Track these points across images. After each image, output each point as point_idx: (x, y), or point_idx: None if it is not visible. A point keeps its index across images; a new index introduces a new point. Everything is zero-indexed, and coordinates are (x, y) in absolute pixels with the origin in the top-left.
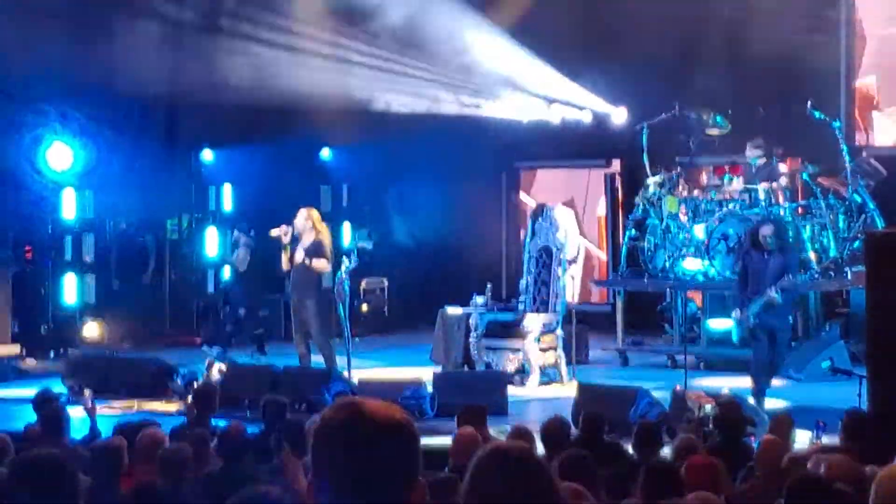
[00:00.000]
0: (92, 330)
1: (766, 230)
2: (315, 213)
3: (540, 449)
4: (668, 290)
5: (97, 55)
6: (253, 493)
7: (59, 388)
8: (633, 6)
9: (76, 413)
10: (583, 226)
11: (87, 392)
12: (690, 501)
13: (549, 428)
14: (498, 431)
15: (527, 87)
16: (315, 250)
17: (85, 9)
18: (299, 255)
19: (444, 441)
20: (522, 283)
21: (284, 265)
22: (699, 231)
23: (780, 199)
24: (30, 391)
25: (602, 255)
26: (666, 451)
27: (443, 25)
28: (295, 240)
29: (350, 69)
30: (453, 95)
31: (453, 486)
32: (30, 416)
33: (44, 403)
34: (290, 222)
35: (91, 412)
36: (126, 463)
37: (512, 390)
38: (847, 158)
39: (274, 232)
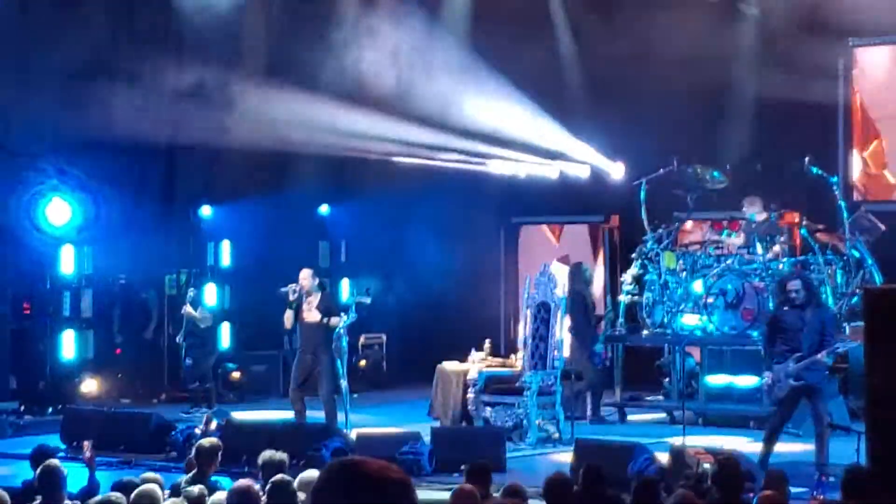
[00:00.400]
0: (90, 386)
1: (793, 285)
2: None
3: None
4: (666, 345)
5: (95, 111)
6: None
7: (56, 443)
8: (631, 63)
9: (74, 469)
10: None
11: (86, 443)
12: None
13: (551, 484)
14: (493, 489)
15: (525, 143)
16: (327, 308)
17: (82, 66)
18: (314, 315)
19: (443, 497)
20: (521, 338)
21: (287, 323)
22: (697, 286)
23: (779, 255)
24: (27, 447)
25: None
26: None
27: (441, 81)
28: (300, 298)
29: (349, 125)
30: (452, 151)
31: None
32: (28, 472)
33: (41, 459)
34: (289, 278)
35: (90, 462)
36: None
37: (510, 446)
38: (845, 214)
39: (283, 290)
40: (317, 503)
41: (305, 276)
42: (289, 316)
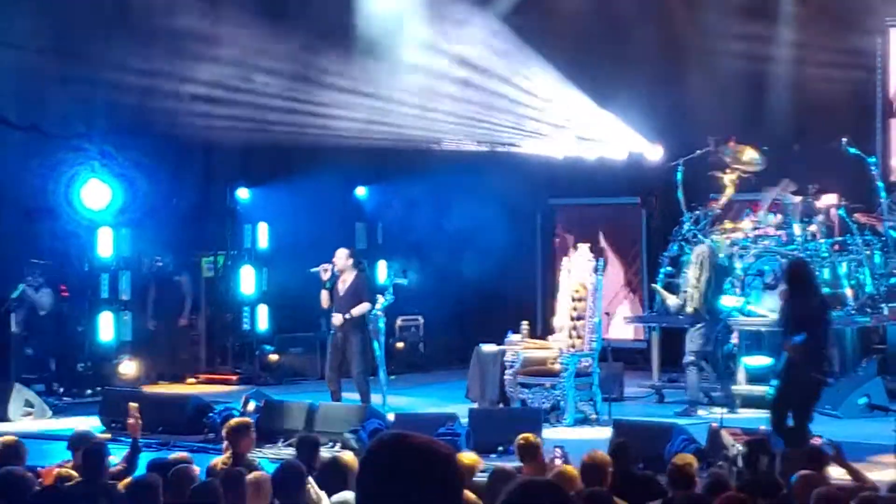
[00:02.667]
0: (128, 368)
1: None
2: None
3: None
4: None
5: (134, 94)
6: None
7: (95, 426)
8: (670, 45)
9: (113, 450)
10: (620, 262)
11: (132, 405)
12: None
13: (588, 464)
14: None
15: (563, 124)
16: (356, 291)
17: (122, 48)
18: (339, 320)
19: (481, 478)
20: (557, 320)
21: (324, 303)
22: (735, 267)
23: (818, 236)
24: (66, 429)
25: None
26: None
27: (478, 61)
28: (335, 277)
29: (385, 107)
30: (489, 132)
31: None
32: (65, 453)
33: (80, 442)
34: (326, 260)
35: (133, 428)
36: (161, 501)
37: (547, 428)
38: (882, 195)
39: (314, 270)
40: (364, 476)
41: (340, 256)
42: (325, 296)
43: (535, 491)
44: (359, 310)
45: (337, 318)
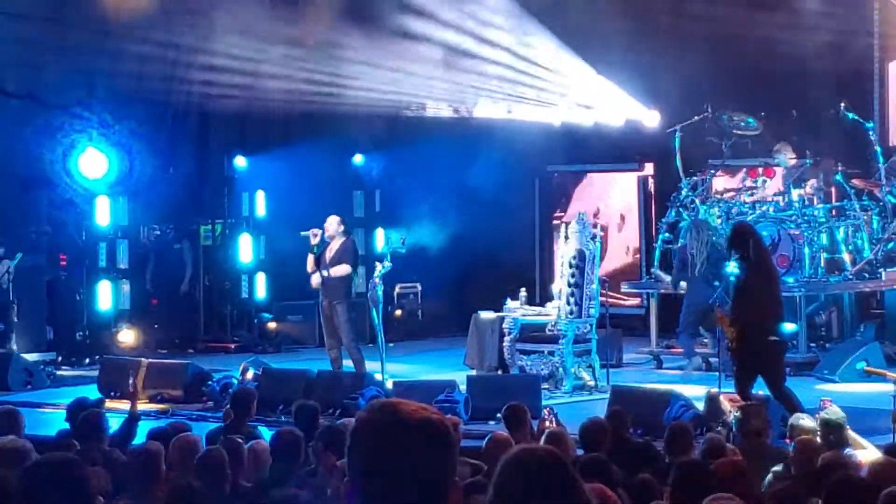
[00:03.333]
0: (127, 336)
1: None
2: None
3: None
4: None
5: (129, 61)
6: (284, 496)
7: (94, 394)
8: (666, 9)
9: (111, 419)
10: (617, 229)
11: (131, 376)
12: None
13: (587, 430)
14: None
15: (561, 91)
16: (340, 256)
17: (119, 16)
18: (316, 280)
19: (479, 444)
20: (555, 287)
21: (309, 267)
22: None
23: (815, 202)
24: (65, 398)
25: None
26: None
27: (476, 28)
28: (324, 244)
29: (383, 74)
30: (485, 99)
31: (484, 489)
32: (63, 423)
33: (79, 410)
34: (322, 228)
35: (133, 396)
36: (164, 468)
37: (546, 394)
38: (881, 159)
39: (304, 233)
40: (356, 443)
41: (331, 223)
42: (311, 260)
43: (532, 459)
44: (336, 270)
45: (315, 279)
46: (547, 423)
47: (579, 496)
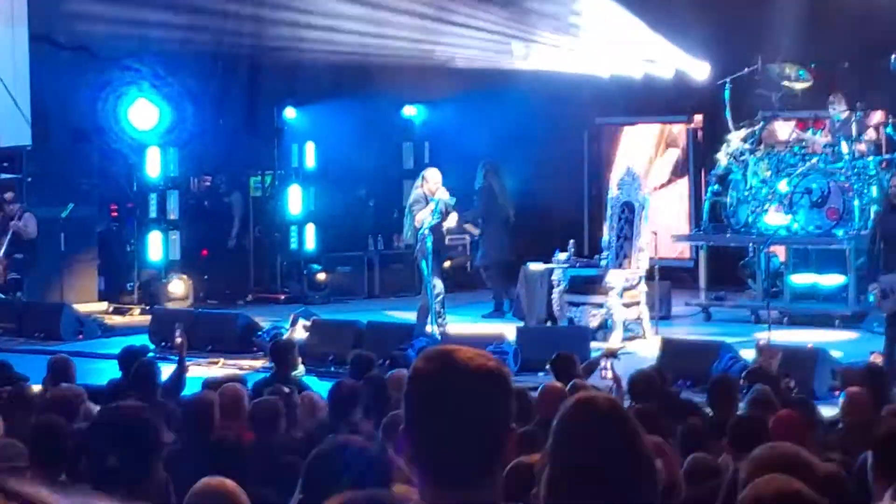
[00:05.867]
0: (177, 287)
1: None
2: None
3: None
4: (750, 244)
5: (182, 13)
6: (337, 442)
7: (145, 344)
8: None
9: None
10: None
11: (178, 328)
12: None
13: (636, 382)
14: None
15: (610, 42)
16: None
17: None
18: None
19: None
20: (605, 238)
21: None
22: (782, 186)
23: (865, 154)
24: (116, 348)
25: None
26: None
27: None
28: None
29: (431, 25)
30: (534, 50)
31: (538, 440)
32: (115, 371)
33: (131, 358)
34: (373, 180)
35: (181, 348)
36: (217, 418)
37: (595, 345)
38: None
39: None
40: (412, 391)
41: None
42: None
43: (594, 410)
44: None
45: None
46: (607, 374)
47: (642, 447)
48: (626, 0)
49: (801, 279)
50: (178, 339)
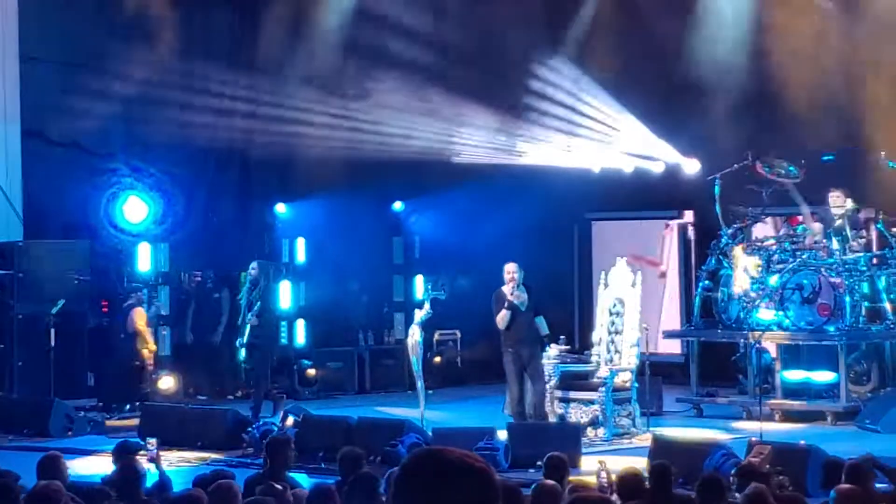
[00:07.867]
0: (167, 382)
1: None
2: None
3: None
4: (741, 341)
5: (173, 108)
6: None
7: (135, 440)
8: (703, 58)
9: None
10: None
11: (151, 441)
12: None
13: (623, 479)
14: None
15: (599, 138)
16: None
17: (160, 63)
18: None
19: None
20: (595, 335)
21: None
22: (773, 281)
23: (857, 250)
24: (105, 444)
25: None
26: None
27: (512, 75)
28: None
29: (421, 122)
30: (525, 146)
31: None
32: (107, 468)
33: (123, 454)
34: (363, 275)
35: (157, 460)
36: None
37: (586, 442)
38: None
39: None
40: (399, 492)
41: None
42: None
43: None
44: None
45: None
46: (603, 475)
47: None
48: (616, 96)
49: (792, 375)
50: (153, 454)
